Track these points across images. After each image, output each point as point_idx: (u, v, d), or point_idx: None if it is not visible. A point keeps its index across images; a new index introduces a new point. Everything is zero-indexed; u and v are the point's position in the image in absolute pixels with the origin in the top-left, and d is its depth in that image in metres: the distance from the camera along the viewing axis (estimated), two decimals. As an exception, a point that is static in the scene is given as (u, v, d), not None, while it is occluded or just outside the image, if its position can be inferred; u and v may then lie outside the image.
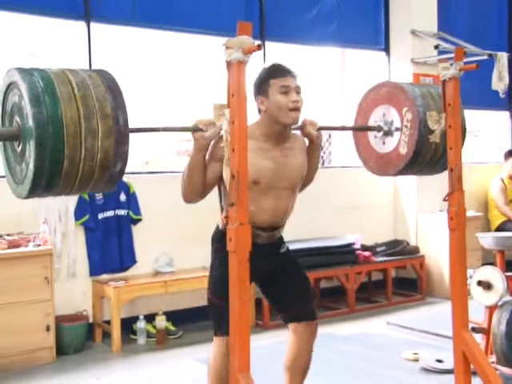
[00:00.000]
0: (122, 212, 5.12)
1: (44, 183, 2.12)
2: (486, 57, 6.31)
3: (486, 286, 3.79)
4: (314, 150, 2.93)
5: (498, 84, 6.33)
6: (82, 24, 5.06)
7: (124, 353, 4.71)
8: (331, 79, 7.51)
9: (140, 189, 5.20)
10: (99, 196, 4.99)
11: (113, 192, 5.03)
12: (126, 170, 2.26)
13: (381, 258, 6.17)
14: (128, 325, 4.97)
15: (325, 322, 5.50)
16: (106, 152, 2.14)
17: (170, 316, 5.07)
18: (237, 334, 2.35)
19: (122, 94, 2.21)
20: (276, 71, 2.74)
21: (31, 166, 2.08)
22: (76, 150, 2.09)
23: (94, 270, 5.02)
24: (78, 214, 4.92)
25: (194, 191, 2.67)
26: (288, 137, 2.82)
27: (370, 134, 3.20)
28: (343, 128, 3.29)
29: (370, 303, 6.13)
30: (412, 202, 6.69)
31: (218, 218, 2.84)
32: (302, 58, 8.25)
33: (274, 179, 2.76)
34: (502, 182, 7.18)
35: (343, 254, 5.87)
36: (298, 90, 2.72)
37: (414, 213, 6.65)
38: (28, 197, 2.20)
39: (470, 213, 6.05)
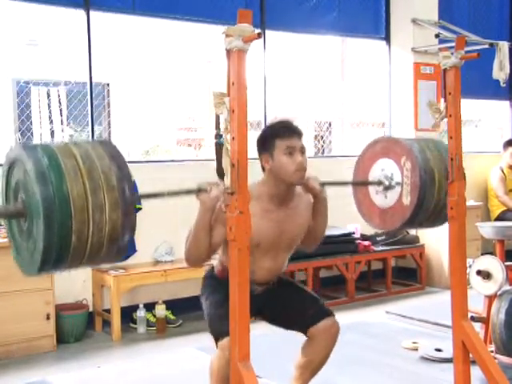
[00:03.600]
0: (121, 201, 5.10)
1: (53, 261, 2.08)
2: (487, 46, 6.27)
3: (486, 275, 3.80)
4: (319, 205, 2.86)
5: (499, 73, 6.31)
6: (81, 12, 5.03)
7: (124, 341, 4.72)
8: (331, 68, 7.50)
9: (140, 178, 5.17)
10: (99, 185, 4.98)
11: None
12: (126, 158, 2.25)
13: (380, 248, 6.17)
14: (128, 313, 4.98)
15: (324, 311, 5.52)
16: (114, 224, 2.12)
17: (170, 305, 5.08)
18: (237, 323, 2.35)
19: (127, 164, 2.17)
20: (282, 131, 2.71)
21: (40, 244, 2.03)
22: (84, 224, 2.05)
23: (94, 258, 5.01)
24: (78, 202, 4.91)
25: (200, 254, 2.64)
26: (292, 196, 2.81)
27: (372, 191, 3.12)
28: (345, 183, 3.25)
29: (369, 292, 6.14)
30: (412, 191, 6.67)
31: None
32: (303, 47, 8.23)
33: (275, 241, 2.78)
34: (502, 171, 7.17)
35: (343, 244, 5.86)
36: (302, 151, 2.71)
37: (414, 202, 6.64)
38: (37, 275, 2.17)
39: (469, 202, 6.05)
